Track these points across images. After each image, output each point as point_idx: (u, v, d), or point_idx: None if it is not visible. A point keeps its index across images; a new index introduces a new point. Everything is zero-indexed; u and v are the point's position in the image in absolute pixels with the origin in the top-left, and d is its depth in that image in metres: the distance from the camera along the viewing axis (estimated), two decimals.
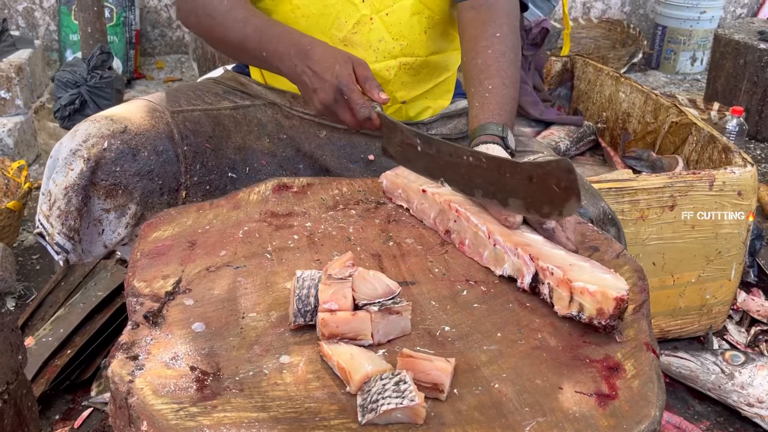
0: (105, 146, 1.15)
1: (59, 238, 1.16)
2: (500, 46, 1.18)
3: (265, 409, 0.71)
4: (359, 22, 1.23)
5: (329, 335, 0.79)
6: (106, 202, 1.17)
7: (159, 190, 1.21)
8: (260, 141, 1.31)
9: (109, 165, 1.16)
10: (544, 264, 0.87)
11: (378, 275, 0.85)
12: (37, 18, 3.89)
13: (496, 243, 0.94)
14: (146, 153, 1.18)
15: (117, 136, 1.16)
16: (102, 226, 1.19)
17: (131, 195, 1.18)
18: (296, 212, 1.10)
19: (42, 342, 1.65)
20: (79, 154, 1.14)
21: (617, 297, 0.80)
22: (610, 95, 2.34)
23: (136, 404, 0.71)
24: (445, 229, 1.03)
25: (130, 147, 1.17)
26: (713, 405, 1.64)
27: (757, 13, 4.54)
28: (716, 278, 1.76)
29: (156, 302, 0.88)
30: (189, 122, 1.26)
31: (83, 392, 1.62)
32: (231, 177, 1.29)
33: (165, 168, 1.21)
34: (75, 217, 1.15)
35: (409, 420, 0.70)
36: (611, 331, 0.82)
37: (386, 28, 1.24)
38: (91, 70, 1.90)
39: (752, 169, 1.67)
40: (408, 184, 1.09)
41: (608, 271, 0.86)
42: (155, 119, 1.22)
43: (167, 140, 1.21)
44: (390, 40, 1.25)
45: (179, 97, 1.30)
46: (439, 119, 1.37)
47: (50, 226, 1.16)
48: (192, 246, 1.00)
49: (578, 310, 0.83)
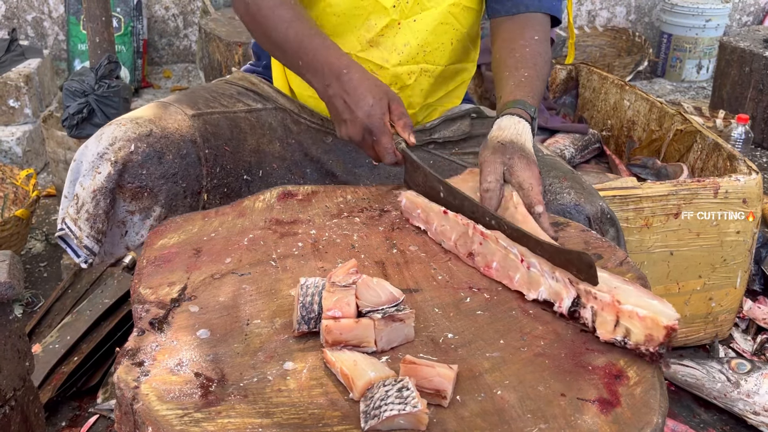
0: (132, 149, 1.15)
1: (88, 241, 1.17)
2: (537, 47, 1.22)
3: (269, 415, 0.72)
4: (388, 26, 1.25)
5: (333, 342, 0.80)
6: (131, 204, 1.18)
7: (183, 193, 1.21)
8: (272, 144, 1.33)
9: (136, 168, 1.16)
10: (588, 287, 0.84)
11: (382, 282, 0.85)
12: (46, 28, 3.93)
13: (530, 266, 0.90)
14: (171, 156, 1.19)
15: (143, 139, 1.17)
16: (126, 227, 1.20)
17: (156, 197, 1.18)
18: (301, 220, 1.11)
19: (49, 349, 1.66)
20: (107, 157, 1.15)
21: (668, 326, 0.77)
22: (615, 103, 2.35)
23: (141, 410, 0.72)
24: (467, 252, 0.99)
25: (155, 150, 1.17)
26: (719, 413, 1.63)
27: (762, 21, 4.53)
28: (722, 286, 1.76)
29: (161, 309, 0.88)
30: (209, 125, 1.26)
31: (89, 399, 1.63)
32: (246, 180, 1.30)
33: (188, 171, 1.21)
34: (103, 219, 1.16)
35: (411, 426, 0.70)
36: (658, 359, 0.79)
37: (413, 34, 1.26)
38: (99, 80, 1.92)
39: (757, 177, 1.66)
40: (428, 204, 1.06)
41: (655, 297, 0.82)
42: (178, 122, 1.22)
43: (190, 143, 1.22)
44: (415, 45, 1.27)
45: (197, 99, 1.30)
46: (443, 122, 1.38)
47: (78, 230, 1.16)
48: (197, 253, 1.01)
49: (624, 335, 0.80)
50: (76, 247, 1.20)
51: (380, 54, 1.26)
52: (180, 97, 1.30)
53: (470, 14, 1.31)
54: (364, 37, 1.25)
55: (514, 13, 1.26)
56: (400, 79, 1.28)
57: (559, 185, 1.20)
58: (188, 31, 4.11)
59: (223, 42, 3.03)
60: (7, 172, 2.28)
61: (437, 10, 1.26)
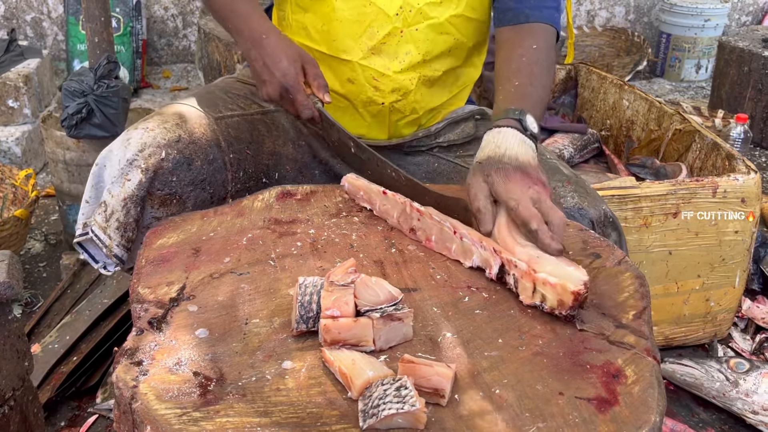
0: (162, 156, 1.15)
1: (117, 250, 1.16)
2: (535, 56, 1.21)
3: (268, 414, 0.72)
4: (390, 34, 1.25)
5: (331, 341, 0.80)
6: (159, 210, 1.17)
7: (210, 199, 1.21)
8: (286, 147, 1.33)
9: (166, 175, 1.15)
10: (509, 256, 0.92)
11: (380, 282, 0.86)
12: (45, 28, 3.93)
13: (462, 237, 0.98)
14: (199, 162, 1.18)
15: (173, 146, 1.16)
16: None
17: (184, 204, 1.18)
18: (300, 219, 1.11)
19: (48, 349, 1.66)
20: (137, 164, 1.14)
21: (575, 291, 0.84)
22: (614, 103, 2.35)
23: (139, 409, 0.72)
24: (409, 228, 1.06)
25: (185, 156, 1.17)
26: (718, 413, 1.63)
27: (761, 21, 4.54)
28: (720, 285, 1.76)
29: (160, 308, 0.89)
30: (231, 129, 1.26)
31: (89, 399, 1.63)
32: (264, 183, 1.30)
33: (215, 176, 1.21)
34: (133, 228, 1.15)
35: (410, 425, 0.71)
36: (571, 320, 0.86)
37: (414, 43, 1.26)
38: (98, 80, 1.91)
39: (756, 177, 1.67)
40: (369, 185, 1.13)
41: (572, 264, 0.89)
42: (203, 127, 1.22)
43: (216, 148, 1.22)
44: (416, 53, 1.27)
45: (216, 101, 1.30)
46: (447, 126, 1.38)
47: (108, 238, 1.15)
48: (196, 253, 1.01)
49: (541, 300, 0.88)
50: (100, 254, 1.18)
51: (382, 61, 1.25)
52: (200, 99, 1.29)
53: (472, 25, 1.30)
54: (366, 45, 1.25)
55: (515, 24, 1.25)
56: (402, 86, 1.28)
57: (562, 189, 1.20)
58: (187, 32, 4.11)
59: (222, 42, 3.03)
60: (6, 172, 2.28)
61: (439, 20, 1.25)
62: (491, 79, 2.33)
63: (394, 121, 1.32)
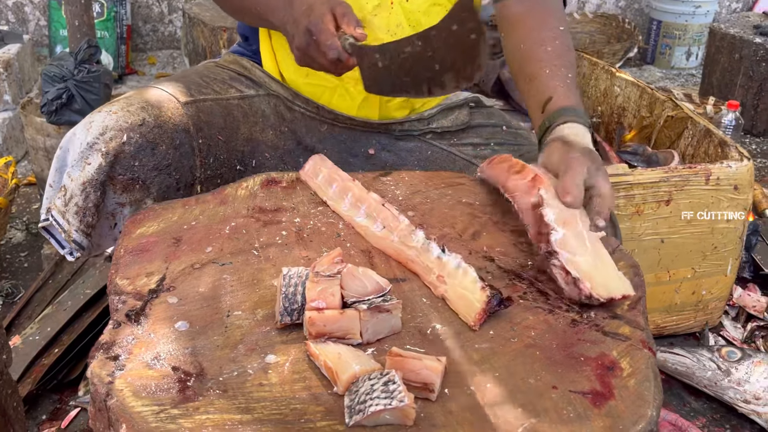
0: (124, 140, 1.11)
1: (76, 235, 1.13)
2: (566, 40, 1.18)
3: (249, 410, 0.69)
4: (380, 6, 1.21)
5: (316, 334, 0.77)
6: (122, 196, 1.14)
7: (175, 185, 1.17)
8: (265, 133, 1.29)
9: (128, 159, 1.12)
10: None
11: (367, 272, 0.83)
12: (27, 13, 3.85)
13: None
14: (164, 147, 1.15)
15: (136, 129, 1.12)
16: (115, 219, 1.16)
17: (148, 190, 1.15)
18: (285, 208, 1.07)
19: (29, 341, 1.62)
20: (97, 148, 1.10)
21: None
22: (605, 89, 2.32)
23: (115, 406, 0.69)
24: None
25: (148, 141, 1.13)
26: (709, 402, 1.62)
27: (752, 8, 4.52)
28: (712, 274, 1.74)
29: (139, 300, 0.85)
30: (202, 113, 1.22)
31: (70, 392, 1.59)
32: (239, 170, 1.26)
33: (182, 162, 1.18)
34: (93, 213, 1.12)
35: (398, 421, 0.68)
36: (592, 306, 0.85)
37: (405, 15, 1.22)
38: (79, 64, 1.87)
39: (749, 164, 1.65)
40: (320, 187, 1.11)
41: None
42: (171, 111, 1.18)
43: (183, 133, 1.18)
44: (407, 26, 1.23)
45: (189, 85, 1.26)
46: (440, 111, 1.35)
47: (66, 223, 1.12)
48: (177, 242, 0.97)
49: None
50: (64, 240, 1.16)
51: (372, 34, 1.21)
52: (171, 82, 1.25)
53: None
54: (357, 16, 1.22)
55: None
56: None
57: None
58: (173, 17, 4.04)
59: (207, 27, 2.98)
60: None
61: None
62: (509, 81, 2.27)
63: (384, 101, 1.28)
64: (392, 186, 1.15)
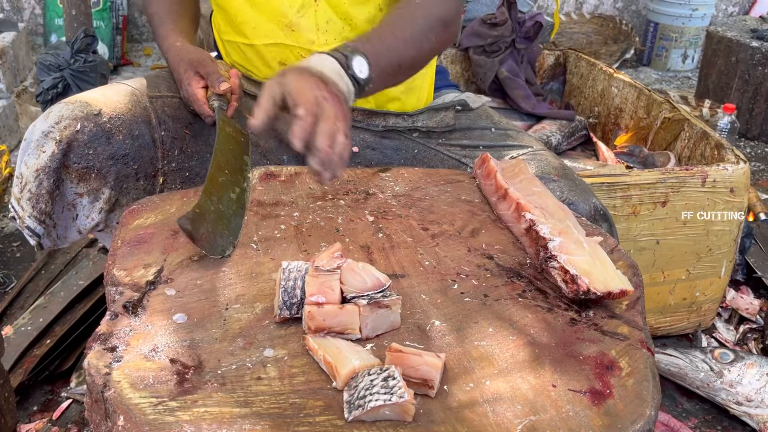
0: (78, 128, 1.13)
1: (30, 222, 1.14)
2: (411, 9, 1.12)
3: (248, 404, 0.68)
4: (304, 5, 1.20)
5: (316, 329, 0.77)
6: (78, 186, 1.15)
7: (134, 175, 1.18)
8: None
9: (82, 148, 1.13)
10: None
11: (367, 267, 0.82)
12: (22, 1, 3.82)
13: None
14: (121, 137, 1.16)
15: (90, 119, 1.14)
16: (76, 210, 1.17)
17: (105, 179, 1.16)
18: (283, 201, 1.07)
19: (21, 331, 1.61)
20: (51, 136, 1.12)
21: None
22: (603, 90, 2.33)
23: (112, 398, 0.68)
24: None
25: (103, 130, 1.15)
26: (701, 403, 1.63)
27: (749, 11, 4.54)
28: (706, 275, 1.75)
29: (136, 292, 0.85)
30: (168, 108, 1.24)
31: (62, 383, 1.58)
32: None
33: (141, 153, 1.18)
34: (46, 200, 1.13)
35: (397, 417, 0.68)
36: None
37: (332, 9, 1.20)
38: (75, 54, 1.85)
39: (745, 167, 1.65)
40: None
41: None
42: (132, 103, 1.21)
43: (143, 125, 1.19)
44: (338, 20, 1.21)
45: (160, 83, 1.28)
46: (426, 112, 1.34)
47: (21, 209, 1.13)
48: (175, 234, 0.97)
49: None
50: (19, 226, 1.16)
51: (304, 36, 1.20)
52: (143, 80, 1.29)
53: None
54: (283, 22, 1.20)
55: None
56: None
57: (551, 182, 1.17)
58: None
59: (204, 19, 2.96)
60: None
61: None
62: (479, 63, 2.30)
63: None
64: (391, 182, 1.15)
